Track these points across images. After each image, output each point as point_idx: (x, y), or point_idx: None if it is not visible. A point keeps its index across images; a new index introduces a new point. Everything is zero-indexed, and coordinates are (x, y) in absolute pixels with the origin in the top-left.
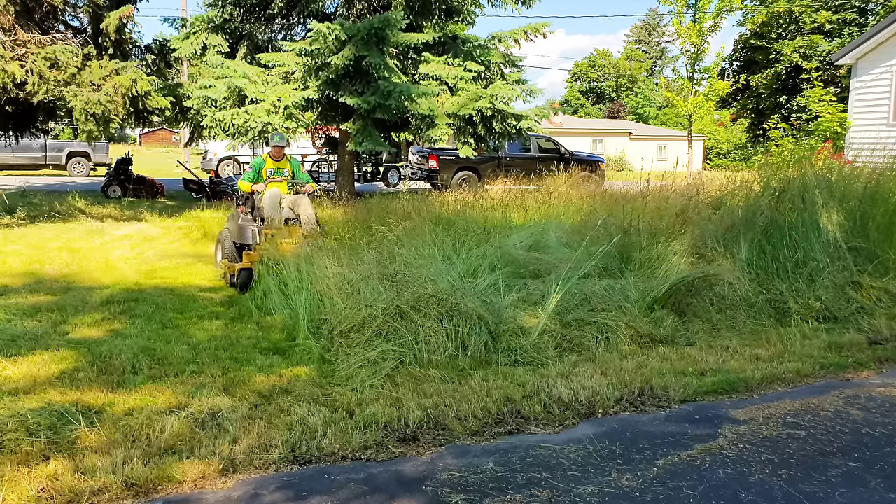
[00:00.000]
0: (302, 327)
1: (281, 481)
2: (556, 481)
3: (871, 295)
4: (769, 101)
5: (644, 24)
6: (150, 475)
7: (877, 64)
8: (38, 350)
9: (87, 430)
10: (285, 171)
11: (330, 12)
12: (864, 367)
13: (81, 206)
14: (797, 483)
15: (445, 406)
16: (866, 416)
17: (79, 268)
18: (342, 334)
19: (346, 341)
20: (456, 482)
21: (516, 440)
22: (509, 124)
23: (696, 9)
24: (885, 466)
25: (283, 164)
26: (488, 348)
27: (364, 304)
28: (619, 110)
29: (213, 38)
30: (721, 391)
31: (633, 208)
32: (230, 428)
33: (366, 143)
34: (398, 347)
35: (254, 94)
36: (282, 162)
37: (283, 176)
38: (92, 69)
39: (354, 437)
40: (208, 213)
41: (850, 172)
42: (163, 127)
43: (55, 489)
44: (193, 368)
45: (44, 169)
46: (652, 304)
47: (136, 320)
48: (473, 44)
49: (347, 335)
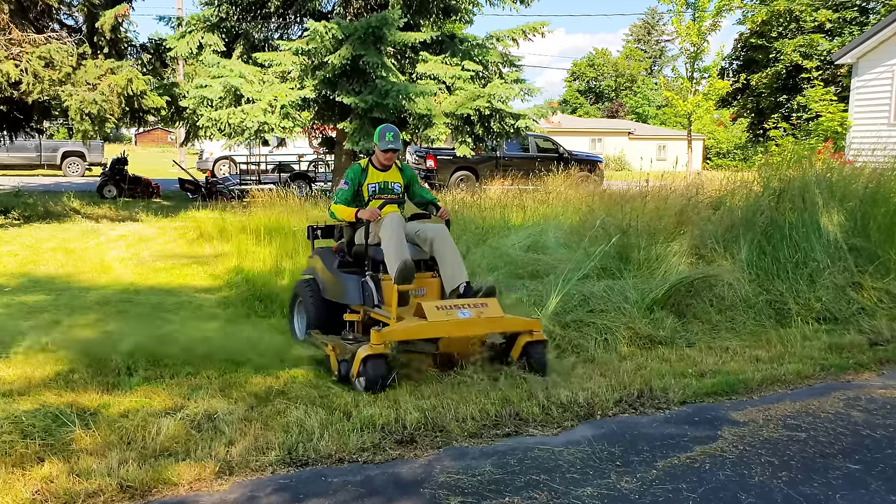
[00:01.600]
0: None
1: (277, 484)
2: (555, 483)
3: (871, 296)
4: (769, 100)
5: (643, 23)
6: (146, 477)
7: (877, 63)
8: (33, 351)
9: (82, 432)
10: (396, 186)
11: (327, 11)
12: (864, 368)
13: (76, 206)
14: (797, 485)
15: (443, 408)
16: (867, 418)
17: (74, 268)
18: None
19: None
20: (454, 484)
21: (514, 442)
22: (507, 124)
23: (696, 7)
24: (886, 468)
25: (392, 175)
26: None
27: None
28: (618, 110)
29: (209, 37)
30: (721, 393)
31: (633, 208)
32: (226, 430)
33: (363, 143)
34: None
35: (250, 93)
36: (391, 173)
37: (395, 194)
38: (87, 68)
39: (351, 439)
40: (204, 214)
41: (850, 172)
42: (158, 126)
43: (50, 492)
44: (189, 370)
45: (39, 169)
46: (651, 305)
47: (132, 321)
48: (471, 43)
49: None
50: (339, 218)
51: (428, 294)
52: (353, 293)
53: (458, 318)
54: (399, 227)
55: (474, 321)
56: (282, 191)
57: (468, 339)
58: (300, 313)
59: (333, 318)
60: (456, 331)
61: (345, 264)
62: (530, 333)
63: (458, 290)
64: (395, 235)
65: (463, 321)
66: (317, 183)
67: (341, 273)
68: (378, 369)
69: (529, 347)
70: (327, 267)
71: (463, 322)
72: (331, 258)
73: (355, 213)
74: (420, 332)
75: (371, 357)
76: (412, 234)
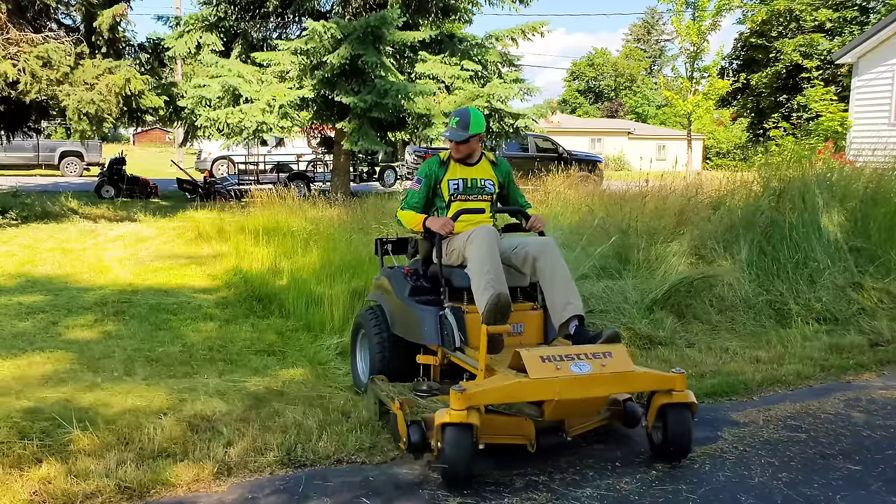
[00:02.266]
0: None
1: (276, 485)
2: (554, 484)
3: (872, 296)
4: (769, 100)
5: (643, 23)
6: (144, 478)
7: (878, 62)
8: (31, 351)
9: (79, 433)
10: (488, 184)
11: (325, 10)
12: (865, 369)
13: (74, 206)
14: (798, 486)
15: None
16: (868, 419)
17: (72, 269)
18: None
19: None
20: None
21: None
22: (506, 123)
23: (696, 7)
24: (887, 469)
25: (481, 170)
26: None
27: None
28: (618, 109)
29: (207, 37)
30: (721, 393)
31: (632, 209)
32: (224, 431)
33: (362, 143)
34: None
35: (248, 93)
36: (480, 167)
37: (486, 194)
38: (85, 68)
39: (350, 440)
40: (202, 214)
41: (851, 172)
42: (156, 126)
43: (48, 493)
44: (187, 370)
45: (36, 169)
46: (651, 306)
47: (130, 322)
48: (471, 42)
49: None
50: (407, 227)
51: (526, 332)
52: (429, 329)
53: (572, 375)
54: (493, 245)
55: (595, 378)
56: (280, 191)
57: (584, 401)
58: (363, 352)
59: (406, 361)
60: (568, 392)
61: (419, 290)
62: (669, 394)
63: (568, 329)
64: (488, 256)
65: (579, 378)
66: (315, 183)
67: (413, 302)
68: (460, 446)
69: (668, 411)
70: (396, 293)
71: (579, 380)
72: (402, 282)
73: (422, 222)
74: (518, 395)
75: (449, 426)
76: (508, 252)
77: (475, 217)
